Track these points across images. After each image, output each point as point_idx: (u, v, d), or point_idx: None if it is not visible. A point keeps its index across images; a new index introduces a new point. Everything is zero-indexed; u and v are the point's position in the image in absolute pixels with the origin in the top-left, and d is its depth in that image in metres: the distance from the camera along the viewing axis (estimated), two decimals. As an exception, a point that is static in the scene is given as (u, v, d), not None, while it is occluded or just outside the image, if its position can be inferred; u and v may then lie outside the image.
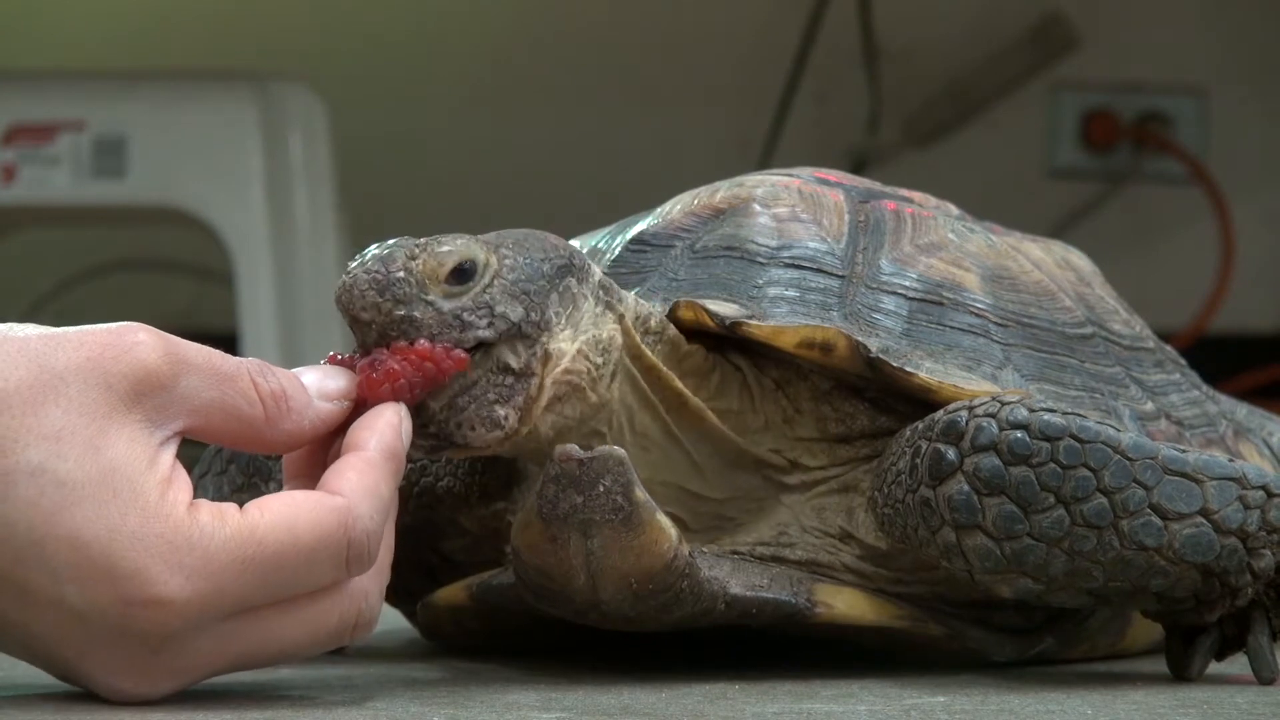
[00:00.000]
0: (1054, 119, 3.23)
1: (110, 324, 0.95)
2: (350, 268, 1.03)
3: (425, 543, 1.19)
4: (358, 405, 1.00)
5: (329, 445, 1.00)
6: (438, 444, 1.03)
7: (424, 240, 1.03)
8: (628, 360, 1.08)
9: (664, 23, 3.21)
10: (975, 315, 1.15)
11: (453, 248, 1.03)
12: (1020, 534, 1.04)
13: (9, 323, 0.95)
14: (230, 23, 3.15)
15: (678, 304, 1.12)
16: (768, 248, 1.15)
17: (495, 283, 1.03)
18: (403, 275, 1.02)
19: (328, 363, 1.02)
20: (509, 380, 1.03)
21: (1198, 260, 3.16)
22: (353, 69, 3.11)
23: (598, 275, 1.08)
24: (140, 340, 0.94)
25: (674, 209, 1.21)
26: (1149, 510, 1.04)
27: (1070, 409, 1.06)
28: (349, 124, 2.79)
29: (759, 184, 1.20)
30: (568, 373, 1.05)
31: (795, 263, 1.15)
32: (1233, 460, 1.06)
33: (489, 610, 1.14)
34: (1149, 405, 1.20)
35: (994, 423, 1.04)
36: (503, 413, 1.03)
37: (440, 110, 3.17)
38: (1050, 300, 1.19)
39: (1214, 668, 1.10)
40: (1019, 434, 1.04)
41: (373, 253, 1.03)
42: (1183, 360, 1.29)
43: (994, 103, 3.20)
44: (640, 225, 1.20)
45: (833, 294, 1.14)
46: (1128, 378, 1.20)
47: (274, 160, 2.56)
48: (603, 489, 1.02)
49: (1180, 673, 1.10)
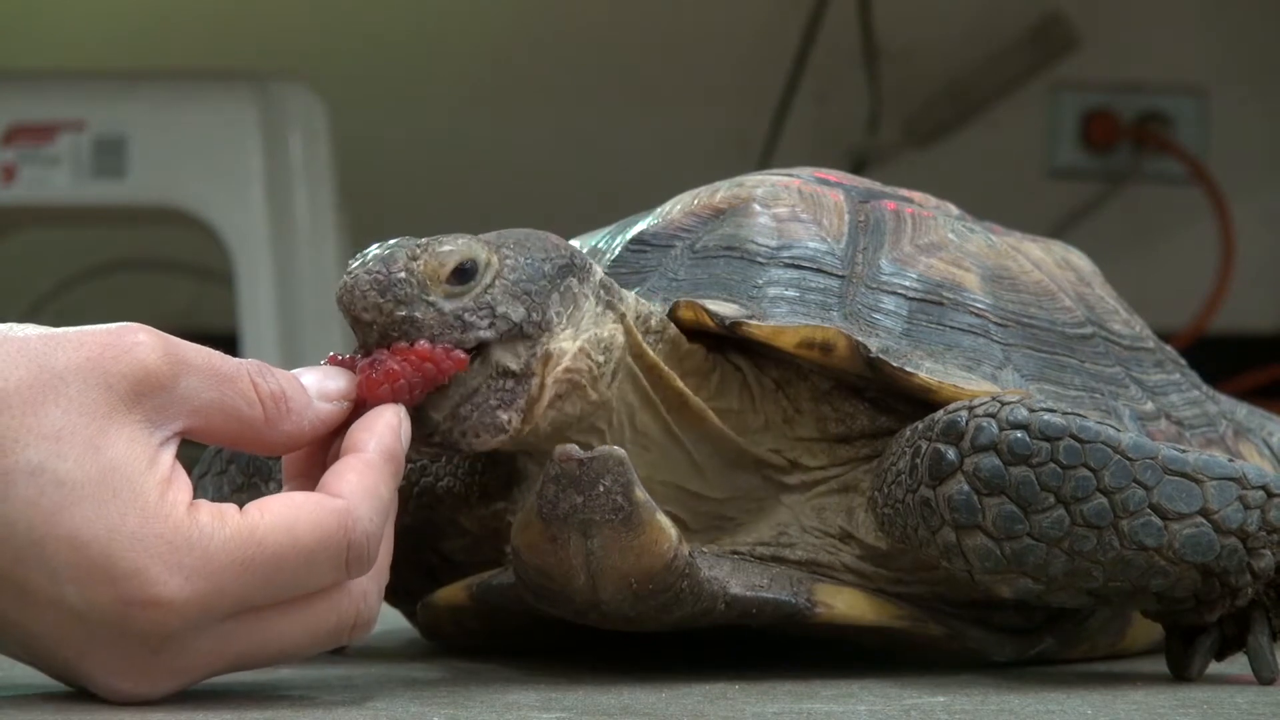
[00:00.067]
0: (1054, 119, 3.23)
1: (110, 324, 0.95)
2: (351, 268, 1.02)
3: (425, 543, 1.19)
4: (358, 406, 1.00)
5: (329, 446, 1.00)
6: (441, 451, 1.04)
7: (425, 240, 1.03)
8: (630, 359, 1.08)
9: (664, 23, 3.20)
10: (975, 315, 1.15)
11: (454, 248, 1.03)
12: (1020, 534, 1.04)
13: (9, 323, 0.95)
14: (230, 23, 3.15)
15: (678, 304, 1.12)
16: (768, 248, 1.15)
17: (497, 283, 1.03)
18: (404, 275, 1.01)
19: (328, 363, 1.02)
20: (509, 384, 1.03)
21: (1198, 260, 3.16)
22: (353, 69, 3.11)
23: (599, 275, 1.08)
24: (140, 340, 0.94)
25: (674, 209, 1.20)
26: (1149, 510, 1.04)
27: (1070, 409, 1.06)
28: (349, 124, 2.79)
29: (759, 184, 1.20)
30: (569, 371, 1.05)
31: (795, 263, 1.15)
32: (1233, 460, 1.06)
33: (489, 610, 1.14)
34: (1149, 405, 1.20)
35: (994, 423, 1.04)
36: (505, 417, 1.03)
37: (440, 110, 3.17)
38: (1050, 300, 1.19)
39: (1214, 668, 1.10)
40: (1019, 434, 1.04)
41: (374, 253, 1.03)
42: (1183, 360, 1.29)
43: (994, 103, 3.20)
44: (640, 225, 1.20)
45: (833, 294, 1.14)
46: (1128, 378, 1.20)
47: (274, 160, 2.56)
48: (603, 489, 1.02)
49: (1180, 673, 1.10)
